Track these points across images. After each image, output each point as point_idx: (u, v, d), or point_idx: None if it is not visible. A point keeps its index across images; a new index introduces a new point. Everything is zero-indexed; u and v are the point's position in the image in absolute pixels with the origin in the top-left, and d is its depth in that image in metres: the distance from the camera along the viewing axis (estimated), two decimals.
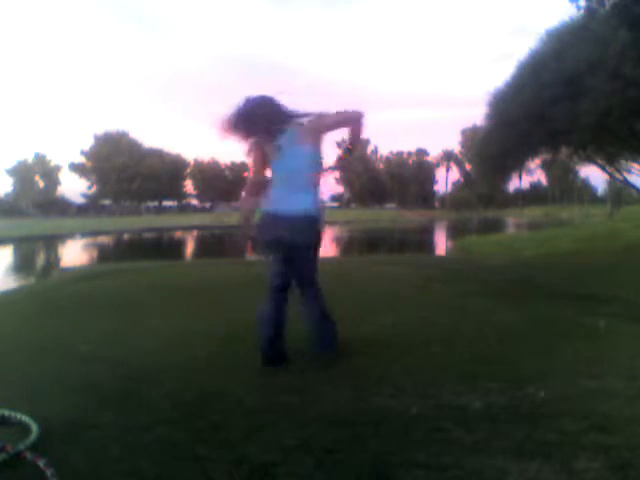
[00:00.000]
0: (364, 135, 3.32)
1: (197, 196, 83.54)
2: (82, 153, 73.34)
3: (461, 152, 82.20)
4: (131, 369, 3.20)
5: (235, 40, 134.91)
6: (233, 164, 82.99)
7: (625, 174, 13.86)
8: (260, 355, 3.20)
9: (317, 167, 3.15)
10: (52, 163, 73.44)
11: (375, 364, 3.24)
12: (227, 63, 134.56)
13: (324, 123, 3.07)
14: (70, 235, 32.39)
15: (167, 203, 79.48)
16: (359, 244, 28.44)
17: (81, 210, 67.61)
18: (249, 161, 3.33)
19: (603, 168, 13.94)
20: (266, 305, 3.24)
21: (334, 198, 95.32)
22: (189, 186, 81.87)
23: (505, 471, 1.93)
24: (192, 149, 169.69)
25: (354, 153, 3.37)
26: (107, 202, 74.43)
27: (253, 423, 2.39)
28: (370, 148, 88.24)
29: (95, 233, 34.08)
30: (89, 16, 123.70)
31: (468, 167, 72.26)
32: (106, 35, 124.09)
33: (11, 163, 72.58)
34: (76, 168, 73.21)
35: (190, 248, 28.89)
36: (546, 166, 23.84)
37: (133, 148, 72.32)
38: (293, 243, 3.08)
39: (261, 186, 3.23)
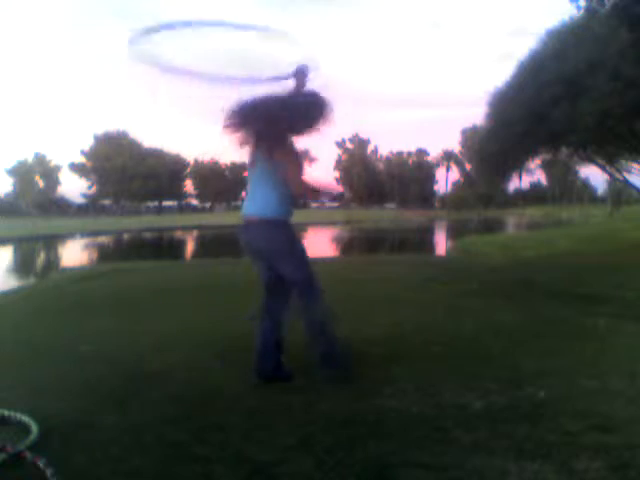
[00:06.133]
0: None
1: (197, 196, 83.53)
2: (82, 153, 73.30)
3: (461, 152, 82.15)
4: (131, 369, 3.20)
5: (234, 40, 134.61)
6: (233, 164, 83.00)
7: (625, 174, 13.85)
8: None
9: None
10: (52, 163, 73.37)
11: (375, 364, 3.24)
12: (227, 63, 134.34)
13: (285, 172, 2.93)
14: (70, 235, 32.38)
15: (167, 203, 79.47)
16: (359, 244, 28.42)
17: (81, 210, 67.68)
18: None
19: (603, 168, 13.93)
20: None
21: (334, 198, 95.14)
22: (189, 186, 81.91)
23: (505, 471, 1.93)
24: (192, 149, 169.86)
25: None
26: (107, 202, 74.45)
27: (253, 423, 2.39)
28: (370, 148, 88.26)
29: (95, 233, 34.06)
30: (88, 16, 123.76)
31: (468, 167, 72.30)
32: (105, 35, 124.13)
33: (11, 163, 72.58)
34: (76, 168, 73.14)
35: (190, 248, 28.87)
36: (546, 166, 23.83)
37: (133, 148, 72.28)
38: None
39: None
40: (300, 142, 3.12)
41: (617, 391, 2.74)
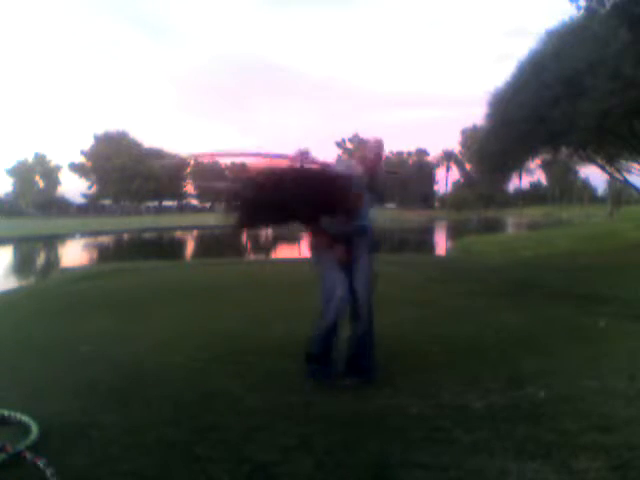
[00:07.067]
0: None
1: (197, 196, 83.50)
2: (82, 153, 73.22)
3: (461, 152, 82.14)
4: (131, 369, 3.20)
5: (234, 41, 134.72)
6: (233, 164, 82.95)
7: (625, 174, 13.86)
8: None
9: None
10: (52, 163, 73.27)
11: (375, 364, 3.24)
12: (226, 63, 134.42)
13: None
14: (70, 235, 32.34)
15: (167, 203, 79.43)
16: None
17: (81, 210, 67.58)
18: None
19: (603, 168, 13.95)
20: None
21: None
22: (189, 186, 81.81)
23: (505, 471, 1.93)
24: (192, 149, 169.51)
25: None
26: (107, 202, 74.37)
27: (253, 423, 2.39)
28: None
29: (95, 233, 34.05)
30: (88, 17, 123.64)
31: (468, 167, 72.21)
32: (105, 35, 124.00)
33: (11, 163, 72.45)
34: (76, 168, 73.09)
35: (190, 248, 28.88)
36: (546, 166, 23.84)
37: (133, 148, 72.24)
38: None
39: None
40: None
41: (617, 391, 2.74)
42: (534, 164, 15.17)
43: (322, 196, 2.81)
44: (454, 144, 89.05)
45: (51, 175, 73.14)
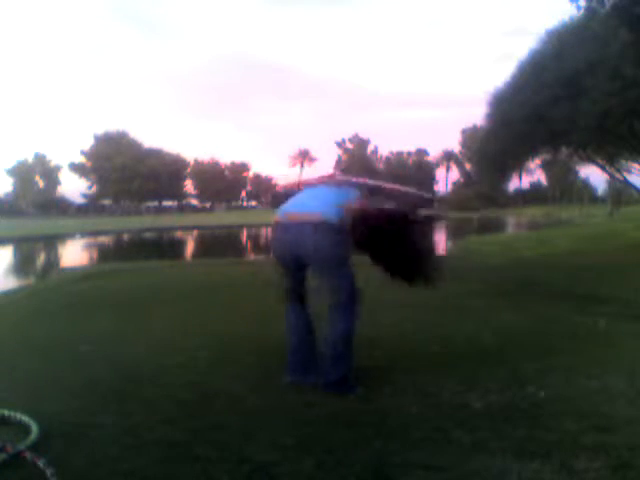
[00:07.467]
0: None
1: (197, 196, 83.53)
2: (82, 153, 73.24)
3: (461, 152, 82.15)
4: (131, 369, 3.20)
5: (233, 40, 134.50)
6: (233, 164, 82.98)
7: (625, 174, 13.85)
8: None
9: None
10: (52, 163, 73.32)
11: (375, 364, 3.24)
12: (226, 63, 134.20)
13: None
14: (70, 235, 32.32)
15: (167, 203, 79.49)
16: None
17: (81, 210, 67.61)
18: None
19: (603, 168, 13.94)
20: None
21: None
22: (189, 186, 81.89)
23: (505, 471, 1.93)
24: (192, 149, 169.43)
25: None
26: (107, 202, 74.40)
27: (253, 423, 2.39)
28: (370, 148, 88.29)
29: (95, 233, 34.02)
30: (88, 17, 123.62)
31: (468, 167, 72.21)
32: (105, 35, 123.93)
33: (11, 163, 72.48)
34: (76, 168, 73.09)
35: (190, 248, 28.86)
36: (546, 166, 23.83)
37: (133, 148, 72.25)
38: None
39: None
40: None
41: (617, 391, 2.74)
42: (534, 164, 15.18)
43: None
44: (454, 144, 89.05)
45: (51, 175, 73.17)
